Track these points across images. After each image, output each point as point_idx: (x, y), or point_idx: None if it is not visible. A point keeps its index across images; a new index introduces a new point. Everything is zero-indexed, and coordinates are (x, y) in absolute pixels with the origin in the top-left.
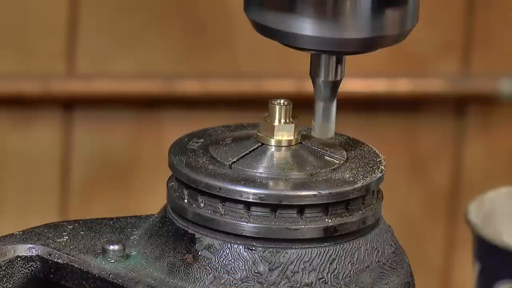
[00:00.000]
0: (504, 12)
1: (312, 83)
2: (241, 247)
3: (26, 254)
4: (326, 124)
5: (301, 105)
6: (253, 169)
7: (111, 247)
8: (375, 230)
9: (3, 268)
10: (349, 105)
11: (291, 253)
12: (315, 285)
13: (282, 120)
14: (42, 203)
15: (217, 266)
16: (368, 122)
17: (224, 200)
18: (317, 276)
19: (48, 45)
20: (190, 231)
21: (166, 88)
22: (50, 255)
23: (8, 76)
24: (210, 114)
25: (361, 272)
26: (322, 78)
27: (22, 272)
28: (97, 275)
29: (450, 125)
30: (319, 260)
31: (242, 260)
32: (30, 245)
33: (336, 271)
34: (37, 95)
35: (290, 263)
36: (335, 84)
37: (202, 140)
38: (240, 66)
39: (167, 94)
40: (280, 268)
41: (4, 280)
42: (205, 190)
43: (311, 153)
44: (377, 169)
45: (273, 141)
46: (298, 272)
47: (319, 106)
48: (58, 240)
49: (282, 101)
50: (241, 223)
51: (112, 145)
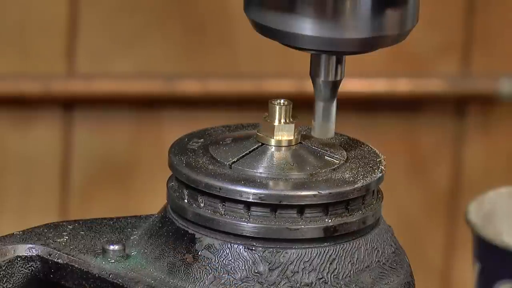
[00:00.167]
0: (504, 12)
1: (312, 83)
2: (241, 247)
3: (26, 254)
4: (326, 124)
5: (301, 105)
6: (253, 169)
7: (111, 247)
8: (375, 230)
9: (3, 268)
10: (349, 105)
11: (291, 253)
12: (315, 285)
13: (282, 120)
14: (42, 203)
15: (217, 266)
16: (368, 122)
17: (224, 200)
18: (317, 276)
19: (48, 45)
20: (190, 231)
21: (166, 88)
22: (50, 255)
23: (8, 76)
24: (210, 114)
25: (361, 272)
26: (322, 78)
27: (22, 272)
28: (97, 275)
29: (450, 125)
30: (319, 260)
31: (242, 260)
32: (30, 245)
33: (336, 271)
34: (37, 95)
35: (290, 263)
36: (335, 84)
37: (202, 140)
38: (240, 66)
39: (167, 94)
40: (280, 268)
41: (4, 280)
42: (205, 190)
43: (311, 153)
44: (377, 169)
45: (273, 141)
46: (298, 272)
47: (319, 106)
48: (58, 240)
49: (282, 101)
50: (241, 223)
51: (112, 145)
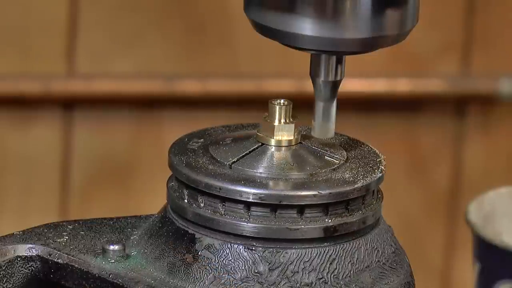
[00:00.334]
0: (504, 12)
1: (312, 83)
2: (241, 247)
3: (26, 254)
4: (326, 124)
5: (301, 105)
6: (253, 169)
7: (111, 247)
8: (375, 230)
9: (3, 268)
10: (349, 105)
11: (291, 253)
12: (315, 285)
13: (282, 120)
14: (42, 203)
15: (217, 266)
16: (368, 122)
17: (224, 200)
18: (317, 276)
19: (48, 45)
20: (190, 231)
21: (166, 88)
22: (50, 255)
23: (8, 76)
24: (210, 114)
25: (361, 272)
26: (322, 78)
27: (22, 272)
28: (97, 275)
29: (450, 125)
30: (319, 260)
31: (242, 260)
32: (30, 245)
33: (336, 271)
34: (37, 95)
35: (290, 263)
36: (335, 84)
37: (202, 140)
38: (240, 66)
39: (167, 94)
40: (280, 268)
41: (4, 280)
42: (205, 190)
43: (311, 153)
44: (377, 169)
45: (273, 141)
46: (298, 272)
47: (319, 106)
48: (58, 240)
49: (282, 101)
50: (241, 223)
51: (112, 145)
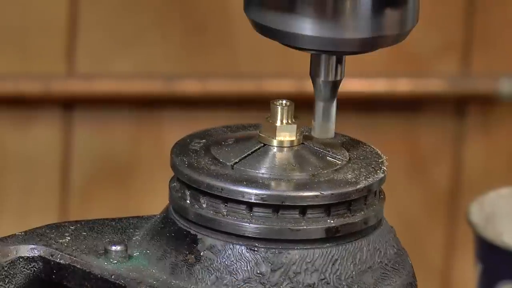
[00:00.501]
0: (504, 12)
1: (312, 83)
2: (243, 248)
3: (28, 255)
4: (326, 124)
5: (301, 105)
6: (255, 170)
7: (113, 248)
8: (377, 231)
9: (5, 269)
10: (349, 105)
11: (294, 254)
12: (318, 286)
13: (284, 121)
14: (42, 203)
15: (219, 267)
16: (368, 122)
17: (226, 201)
18: (319, 277)
19: (48, 45)
20: (192, 232)
21: (166, 88)
22: (52, 256)
23: (8, 76)
24: (210, 114)
25: (363, 273)
26: (322, 78)
27: (24, 273)
28: (99, 276)
29: (450, 125)
30: (321, 261)
31: (244, 261)
32: (32, 246)
33: (338, 272)
34: (37, 95)
35: (293, 264)
36: (335, 84)
37: (204, 141)
38: (240, 66)
39: (167, 94)
40: (283, 269)
41: (6, 281)
42: (207, 191)
43: (313, 154)
44: (379, 170)
45: (275, 142)
46: (301, 273)
47: (319, 106)
48: (60, 241)
49: (284, 102)
50: (243, 224)
51: (112, 145)
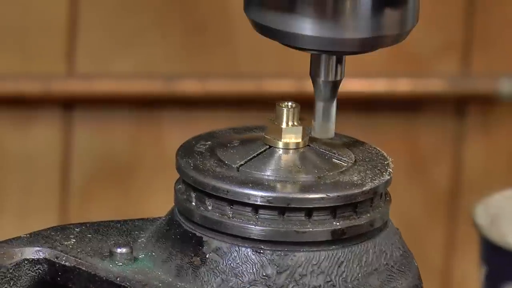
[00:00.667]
0: (504, 12)
1: (312, 83)
2: (249, 250)
3: (33, 257)
4: (326, 124)
5: (302, 105)
6: (261, 172)
7: (119, 250)
8: (383, 233)
9: (11, 271)
10: (349, 105)
11: (299, 256)
12: None
13: (290, 123)
14: (42, 203)
15: (225, 269)
16: (368, 122)
17: (232, 203)
18: (325, 279)
19: (48, 45)
20: (198, 234)
21: (166, 88)
22: (57, 258)
23: (8, 76)
24: (210, 114)
25: (369, 275)
26: (322, 78)
27: (29, 275)
28: (105, 278)
29: (450, 125)
30: (327, 263)
31: (250, 263)
32: (37, 248)
33: (344, 274)
34: (37, 95)
35: (298, 266)
36: (335, 84)
37: (209, 143)
38: (240, 66)
39: (167, 94)
40: (288, 271)
41: (12, 283)
42: (213, 193)
43: (319, 156)
44: (385, 172)
45: (281, 144)
46: (306, 275)
47: (319, 106)
48: (65, 243)
49: (290, 104)
50: (249, 226)
51: (112, 145)
